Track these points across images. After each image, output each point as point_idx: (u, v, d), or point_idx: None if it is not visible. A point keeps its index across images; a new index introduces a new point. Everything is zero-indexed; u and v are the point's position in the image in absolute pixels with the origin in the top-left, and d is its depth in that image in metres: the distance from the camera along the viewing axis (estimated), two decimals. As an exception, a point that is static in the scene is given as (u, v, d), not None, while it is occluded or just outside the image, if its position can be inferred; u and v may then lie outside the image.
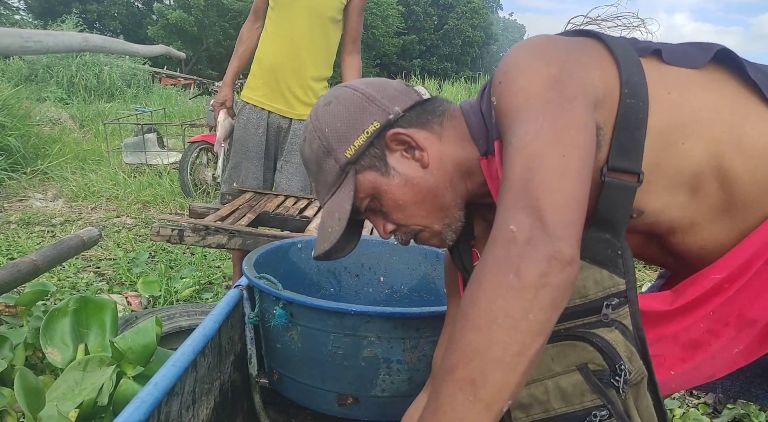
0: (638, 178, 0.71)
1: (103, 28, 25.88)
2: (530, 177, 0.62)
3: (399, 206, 0.83)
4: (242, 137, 2.39)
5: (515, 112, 0.68)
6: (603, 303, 0.70)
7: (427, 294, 1.47)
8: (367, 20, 19.85)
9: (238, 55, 2.44)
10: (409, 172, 0.82)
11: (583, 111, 0.66)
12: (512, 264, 0.58)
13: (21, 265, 1.65)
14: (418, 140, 0.81)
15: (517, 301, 0.57)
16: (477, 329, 0.58)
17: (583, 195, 0.62)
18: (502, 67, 0.74)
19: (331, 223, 0.84)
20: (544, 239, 0.58)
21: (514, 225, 0.60)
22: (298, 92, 2.38)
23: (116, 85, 12.07)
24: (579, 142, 0.64)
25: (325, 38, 2.35)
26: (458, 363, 0.58)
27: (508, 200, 0.63)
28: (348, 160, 0.82)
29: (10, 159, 5.25)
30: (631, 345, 0.70)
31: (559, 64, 0.69)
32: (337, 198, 0.84)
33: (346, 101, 0.84)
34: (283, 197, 2.34)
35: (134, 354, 1.27)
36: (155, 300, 2.61)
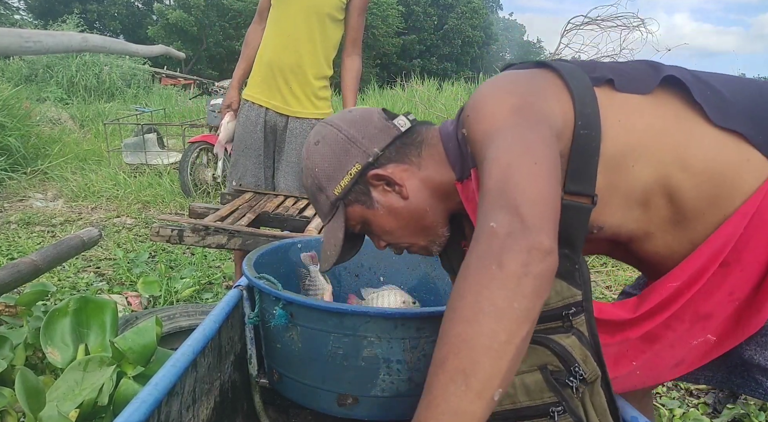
0: (592, 200, 0.79)
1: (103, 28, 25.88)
2: (506, 181, 0.66)
3: (386, 231, 0.95)
4: (241, 135, 2.41)
5: (486, 136, 0.74)
6: (562, 312, 0.78)
7: (427, 294, 1.47)
8: (367, 20, 19.82)
9: (245, 57, 2.44)
10: (391, 203, 0.92)
11: (548, 132, 0.73)
12: (494, 256, 0.61)
13: (21, 265, 1.65)
14: (395, 177, 0.91)
15: (501, 291, 0.60)
16: (464, 320, 0.60)
17: (555, 195, 0.67)
18: (469, 103, 0.82)
19: (329, 247, 0.97)
20: (524, 231, 0.62)
21: (494, 222, 0.63)
22: (296, 89, 2.38)
23: (116, 85, 12.08)
24: (547, 155, 0.70)
25: (323, 36, 2.34)
26: (448, 354, 0.60)
27: (487, 204, 0.67)
28: (337, 196, 0.94)
29: (10, 159, 5.25)
30: (586, 349, 0.78)
31: (520, 96, 0.77)
32: (331, 227, 0.96)
33: (332, 142, 0.94)
34: (282, 197, 2.34)
35: (134, 354, 1.27)
36: (155, 300, 2.61)
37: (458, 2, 27.20)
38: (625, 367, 0.88)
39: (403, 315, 1.03)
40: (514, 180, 0.66)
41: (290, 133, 2.42)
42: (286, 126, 2.41)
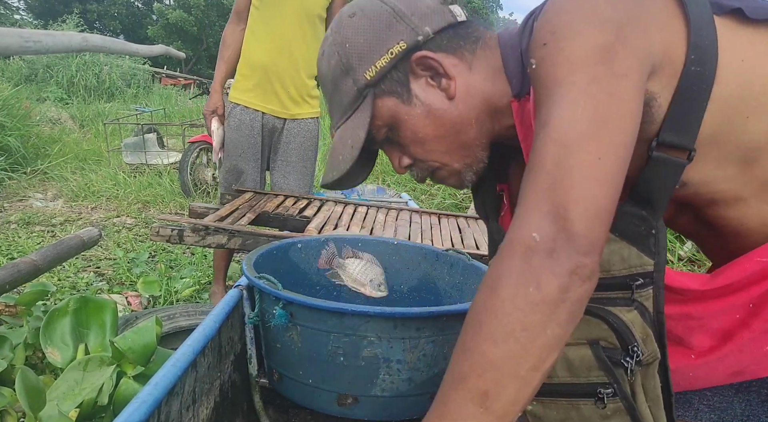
0: (689, 155, 0.64)
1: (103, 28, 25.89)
2: (560, 177, 0.57)
3: (418, 139, 0.77)
4: (236, 139, 2.37)
5: (555, 86, 0.60)
6: (626, 281, 0.67)
7: (427, 294, 1.47)
8: (367, 20, 19.81)
9: (225, 59, 2.38)
10: (433, 101, 0.75)
11: (632, 93, 0.59)
12: (533, 275, 0.55)
13: (21, 265, 1.65)
14: (447, 67, 0.73)
15: (535, 315, 0.55)
16: (492, 341, 0.55)
17: (613, 204, 0.58)
18: (549, 23, 0.64)
19: (342, 151, 0.77)
20: (568, 252, 0.55)
21: (537, 232, 0.56)
22: (292, 91, 2.39)
23: (116, 85, 12.07)
24: (619, 138, 0.58)
25: (314, 37, 2.36)
26: (471, 372, 0.56)
27: (531, 197, 0.58)
28: (367, 82, 0.75)
29: (10, 159, 5.25)
30: (648, 327, 0.67)
31: (614, 29, 0.61)
32: (351, 123, 0.77)
33: (372, 14, 0.76)
34: (282, 197, 2.34)
35: (134, 354, 1.27)
36: (155, 300, 2.61)
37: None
38: (682, 360, 0.73)
39: (403, 315, 1.03)
40: (570, 178, 0.56)
41: (288, 133, 2.43)
42: (283, 128, 2.42)
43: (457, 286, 1.41)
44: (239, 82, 2.38)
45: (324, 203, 2.35)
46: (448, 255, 1.44)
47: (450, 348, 1.09)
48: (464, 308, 1.07)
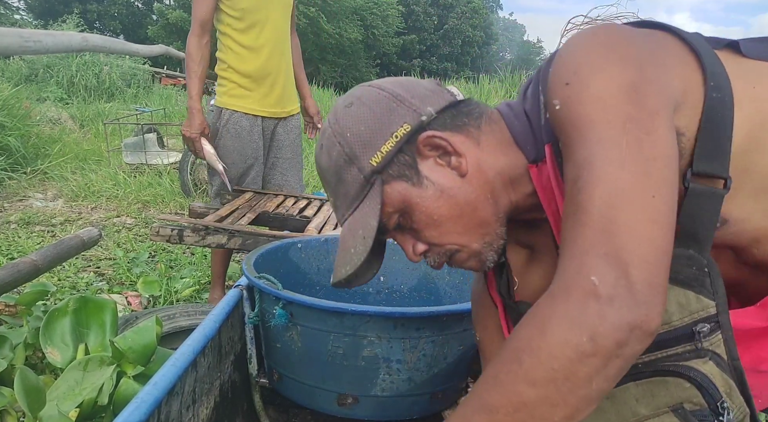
0: (725, 184, 0.62)
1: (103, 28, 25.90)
2: (614, 218, 0.53)
3: (433, 222, 0.72)
4: (237, 146, 2.33)
5: (589, 124, 0.58)
6: (691, 330, 0.62)
7: (427, 294, 1.47)
8: (367, 20, 19.85)
9: (199, 75, 2.22)
10: (444, 181, 0.71)
11: (667, 129, 0.58)
12: (589, 324, 0.51)
13: (21, 265, 1.65)
14: (455, 144, 0.71)
15: (583, 367, 0.51)
16: (531, 382, 0.53)
17: (671, 245, 0.55)
18: (567, 63, 0.62)
19: (353, 243, 0.73)
20: (630, 302, 0.51)
21: (596, 276, 0.52)
22: (288, 88, 2.42)
23: (116, 85, 12.07)
24: (667, 175, 0.55)
25: (290, 29, 2.42)
26: (501, 408, 0.54)
27: (585, 240, 0.54)
28: (374, 168, 0.72)
29: (10, 159, 5.25)
30: (728, 378, 0.62)
31: (637, 67, 0.60)
32: (360, 213, 0.73)
33: (371, 102, 0.73)
34: (282, 197, 2.34)
35: (134, 354, 1.27)
36: (155, 300, 2.61)
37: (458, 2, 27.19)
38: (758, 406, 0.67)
39: (403, 315, 1.03)
40: (625, 219, 0.53)
41: (282, 131, 2.44)
42: (276, 127, 2.43)
43: (457, 286, 1.41)
44: (232, 88, 2.32)
45: (324, 203, 2.35)
46: (448, 255, 1.43)
47: (450, 348, 1.09)
48: (464, 308, 1.07)
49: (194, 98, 2.21)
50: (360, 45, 20.08)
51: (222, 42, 2.30)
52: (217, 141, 2.32)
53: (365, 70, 20.84)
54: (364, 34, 19.88)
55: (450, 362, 1.11)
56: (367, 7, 19.77)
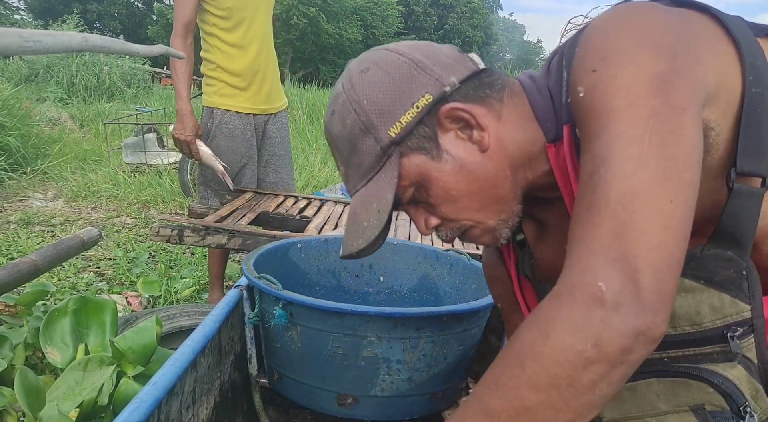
0: (763, 182, 0.59)
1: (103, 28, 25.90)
2: (627, 221, 0.51)
3: (450, 197, 0.70)
4: (231, 146, 2.32)
5: (612, 116, 0.56)
6: (723, 333, 0.61)
7: (427, 294, 1.47)
8: (367, 20, 19.86)
9: (187, 77, 2.20)
10: (464, 156, 0.69)
11: (693, 127, 0.55)
12: (594, 330, 0.50)
13: (21, 265, 1.65)
14: (479, 118, 0.68)
15: (587, 373, 0.50)
16: (534, 387, 0.52)
17: (684, 253, 0.53)
18: (596, 47, 0.59)
19: (367, 216, 0.70)
20: (637, 309, 0.50)
21: (603, 281, 0.51)
22: (275, 83, 2.42)
23: (116, 85, 12.07)
24: (687, 178, 0.53)
25: (271, 21, 2.42)
26: (502, 413, 0.53)
27: (595, 241, 0.53)
28: (392, 139, 0.68)
29: (10, 159, 5.25)
30: (756, 382, 0.61)
31: (669, 57, 0.56)
32: (375, 185, 0.70)
33: (390, 68, 0.69)
34: (282, 197, 2.34)
35: (134, 354, 1.27)
36: (155, 300, 2.61)
37: (458, 2, 27.20)
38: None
39: (403, 315, 1.03)
40: (639, 223, 0.51)
41: (274, 127, 2.45)
42: (266, 124, 2.43)
43: (457, 286, 1.41)
44: (222, 88, 2.30)
45: (324, 203, 2.35)
46: (448, 255, 1.44)
47: (450, 349, 1.09)
48: (464, 308, 1.07)
49: (184, 99, 2.18)
50: (360, 45, 20.08)
51: (208, 42, 2.28)
52: (210, 142, 2.31)
53: (365, 70, 20.80)
54: (364, 34, 19.88)
55: (450, 362, 1.11)
56: (367, 7, 19.77)
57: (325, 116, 0.76)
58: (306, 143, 7.11)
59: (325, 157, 6.13)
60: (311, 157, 5.98)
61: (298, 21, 17.87)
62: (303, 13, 17.78)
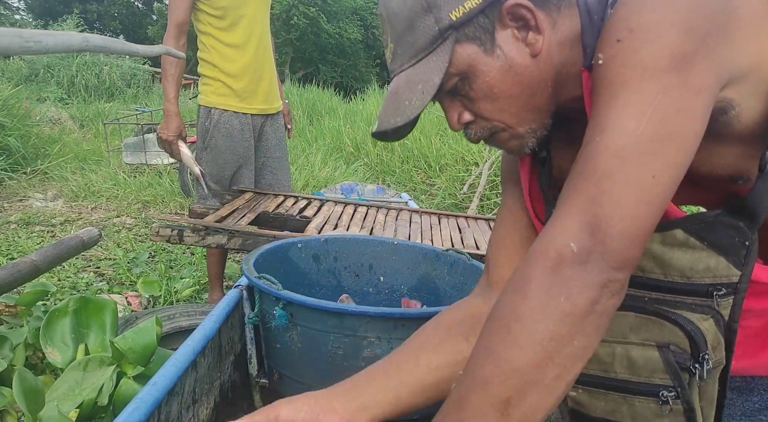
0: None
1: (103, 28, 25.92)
2: (608, 189, 0.55)
3: (492, 94, 0.70)
4: (229, 145, 2.32)
5: (621, 88, 0.57)
6: (708, 289, 0.65)
7: (427, 294, 1.47)
8: (367, 20, 19.86)
9: (176, 78, 2.20)
10: (515, 56, 0.68)
11: (701, 113, 0.57)
12: (564, 285, 0.55)
13: (21, 265, 1.65)
14: (539, 20, 0.67)
15: (564, 326, 0.54)
16: (519, 347, 0.55)
17: (654, 226, 0.57)
18: (627, 17, 0.59)
19: (410, 96, 0.69)
20: (601, 265, 0.55)
21: (574, 242, 0.55)
22: (273, 84, 2.42)
23: (116, 85, 12.08)
24: (678, 158, 0.56)
25: (268, 21, 2.42)
26: (493, 378, 0.55)
27: (573, 205, 0.57)
28: (451, 23, 0.67)
29: (10, 159, 5.25)
30: (720, 336, 0.66)
31: (700, 38, 0.56)
32: (424, 67, 0.69)
33: None
34: (282, 197, 2.34)
35: (134, 354, 1.27)
36: (155, 300, 2.61)
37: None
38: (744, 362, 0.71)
39: (403, 316, 1.03)
40: (618, 193, 0.55)
41: (271, 129, 2.45)
42: (263, 126, 2.43)
43: (457, 286, 1.41)
44: (220, 87, 2.30)
45: (324, 203, 2.35)
46: (448, 255, 1.43)
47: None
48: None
49: (171, 101, 2.19)
50: (360, 45, 20.07)
51: (204, 42, 2.28)
52: (208, 141, 2.31)
53: (365, 70, 20.83)
54: (364, 34, 19.87)
55: (450, 362, 1.11)
56: (367, 7, 19.76)
57: None
58: (306, 143, 7.11)
59: (325, 157, 6.13)
60: (311, 157, 5.98)
61: (298, 21, 17.87)
62: (303, 13, 17.78)
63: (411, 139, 6.21)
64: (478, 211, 4.38)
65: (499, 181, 5.43)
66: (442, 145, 5.79)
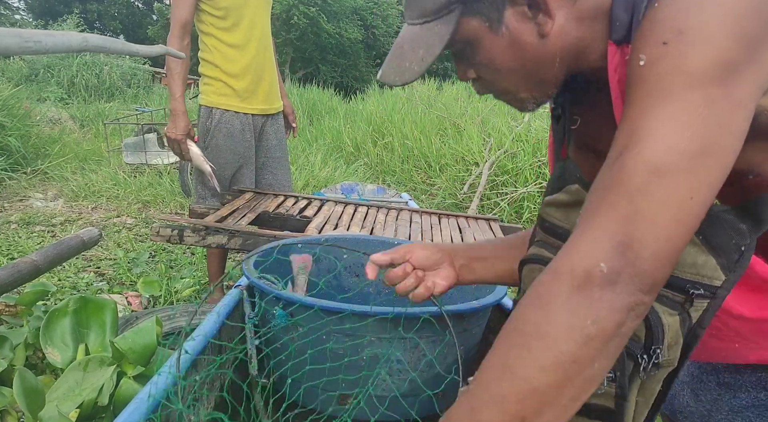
0: None
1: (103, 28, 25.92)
2: (643, 207, 0.53)
3: (494, 67, 0.71)
4: (230, 145, 2.32)
5: (665, 96, 0.54)
6: (685, 286, 0.62)
7: (427, 294, 1.47)
8: (367, 20, 19.86)
9: (182, 77, 2.19)
10: (522, 37, 0.67)
11: (742, 125, 0.55)
12: (592, 308, 0.53)
13: (21, 265, 1.65)
14: (550, 3, 0.65)
15: (588, 349, 0.53)
16: (540, 368, 0.54)
17: (685, 245, 0.55)
18: (676, 17, 0.55)
19: (412, 57, 0.71)
20: (631, 288, 0.53)
21: (605, 263, 0.53)
22: (274, 85, 2.43)
23: (116, 85, 12.08)
24: (715, 176, 0.54)
25: (269, 22, 2.43)
26: (510, 395, 0.55)
27: (606, 220, 0.55)
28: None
29: (10, 159, 5.26)
30: (681, 336, 0.64)
31: (749, 47, 0.53)
32: (428, 31, 0.70)
33: None
34: (282, 197, 2.34)
35: (134, 354, 1.27)
36: (155, 300, 2.61)
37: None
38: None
39: (403, 316, 1.03)
40: (653, 211, 0.53)
41: (271, 129, 2.45)
42: (265, 124, 2.44)
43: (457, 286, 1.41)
44: (221, 87, 2.30)
45: (324, 203, 2.35)
46: (448, 256, 1.43)
47: (449, 349, 1.09)
48: (464, 308, 1.07)
49: (178, 100, 2.18)
50: (360, 45, 20.07)
51: (205, 42, 2.28)
52: (209, 141, 2.31)
53: (365, 70, 20.83)
54: (364, 34, 19.87)
55: (450, 362, 1.11)
56: (367, 7, 19.76)
57: None
58: (306, 143, 7.11)
59: (325, 157, 6.13)
60: (311, 157, 5.98)
61: (298, 21, 17.86)
62: (303, 13, 17.78)
63: (411, 138, 6.22)
64: (478, 210, 4.38)
65: (499, 181, 5.38)
66: (442, 144, 5.79)
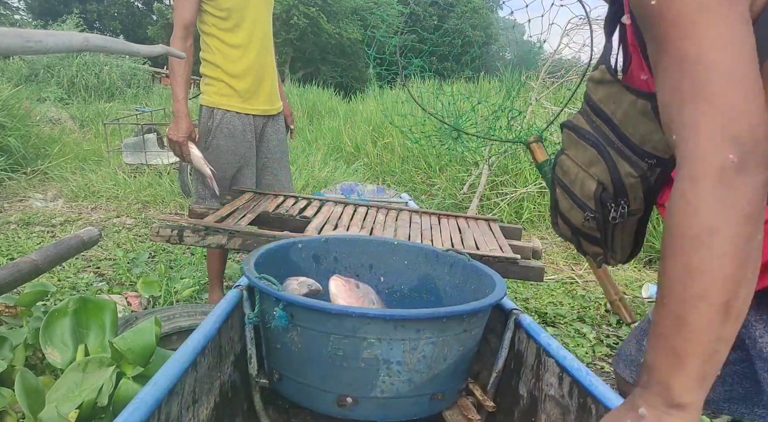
0: None
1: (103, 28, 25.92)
2: (734, 104, 0.62)
3: None
4: (231, 146, 2.32)
5: (691, 25, 0.65)
6: (646, 158, 0.84)
7: (427, 294, 1.47)
8: (367, 20, 19.85)
9: (185, 79, 2.19)
10: None
11: (746, 16, 0.65)
12: (741, 192, 0.61)
13: (21, 265, 1.65)
14: None
15: (750, 226, 0.61)
16: (724, 255, 0.61)
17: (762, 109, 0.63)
18: None
19: None
20: (759, 166, 0.61)
21: (732, 153, 0.61)
22: (275, 85, 2.43)
23: (116, 85, 12.08)
24: (755, 71, 0.64)
25: (271, 22, 2.42)
26: (709, 290, 0.61)
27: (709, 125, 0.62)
28: None
29: (10, 159, 5.26)
30: (641, 193, 0.86)
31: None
32: None
33: None
34: (282, 197, 2.34)
35: (134, 355, 1.27)
36: (155, 300, 2.61)
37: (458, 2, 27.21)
38: None
39: (403, 317, 1.03)
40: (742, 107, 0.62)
41: (272, 129, 2.45)
42: (266, 124, 2.44)
43: (457, 286, 1.41)
44: (222, 88, 2.30)
45: (324, 203, 2.35)
46: (448, 256, 1.43)
47: (450, 350, 1.09)
48: (464, 309, 1.07)
49: (181, 102, 2.17)
50: (360, 45, 20.07)
51: (207, 43, 2.28)
52: (210, 141, 2.31)
53: (365, 70, 20.82)
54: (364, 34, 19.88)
55: (450, 363, 1.11)
56: (367, 7, 19.76)
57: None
58: (306, 143, 7.11)
59: (325, 157, 6.13)
60: (311, 157, 5.98)
61: (298, 21, 17.86)
62: (303, 13, 17.77)
63: (411, 138, 6.21)
64: (478, 211, 4.38)
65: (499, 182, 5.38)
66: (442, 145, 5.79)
